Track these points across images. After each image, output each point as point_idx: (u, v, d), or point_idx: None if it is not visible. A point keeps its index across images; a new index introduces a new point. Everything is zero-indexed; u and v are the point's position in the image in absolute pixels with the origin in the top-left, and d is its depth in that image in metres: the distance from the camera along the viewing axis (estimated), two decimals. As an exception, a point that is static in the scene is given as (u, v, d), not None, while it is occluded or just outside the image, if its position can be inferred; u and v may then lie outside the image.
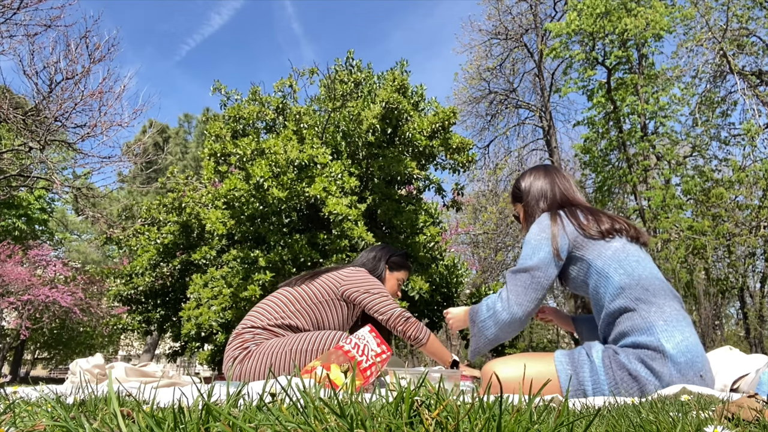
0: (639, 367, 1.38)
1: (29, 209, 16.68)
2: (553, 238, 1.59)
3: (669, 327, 1.41)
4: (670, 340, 1.39)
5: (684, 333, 1.42)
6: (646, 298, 1.46)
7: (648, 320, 1.43)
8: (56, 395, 0.79)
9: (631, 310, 1.46)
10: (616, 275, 1.50)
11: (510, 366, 1.49)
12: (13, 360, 18.17)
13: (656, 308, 1.45)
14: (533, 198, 1.82)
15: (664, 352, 1.37)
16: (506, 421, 0.51)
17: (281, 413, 0.54)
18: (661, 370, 1.36)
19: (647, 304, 1.45)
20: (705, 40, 10.89)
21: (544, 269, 1.58)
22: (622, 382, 1.38)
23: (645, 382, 1.36)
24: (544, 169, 1.90)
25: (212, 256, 7.59)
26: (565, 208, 1.70)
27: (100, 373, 2.01)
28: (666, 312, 1.44)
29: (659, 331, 1.40)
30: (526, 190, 1.85)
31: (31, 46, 7.13)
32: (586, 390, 1.41)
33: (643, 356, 1.39)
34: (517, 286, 1.59)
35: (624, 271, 1.50)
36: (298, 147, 6.97)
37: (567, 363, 1.46)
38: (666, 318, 1.43)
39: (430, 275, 7.19)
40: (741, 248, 11.13)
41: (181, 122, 28.92)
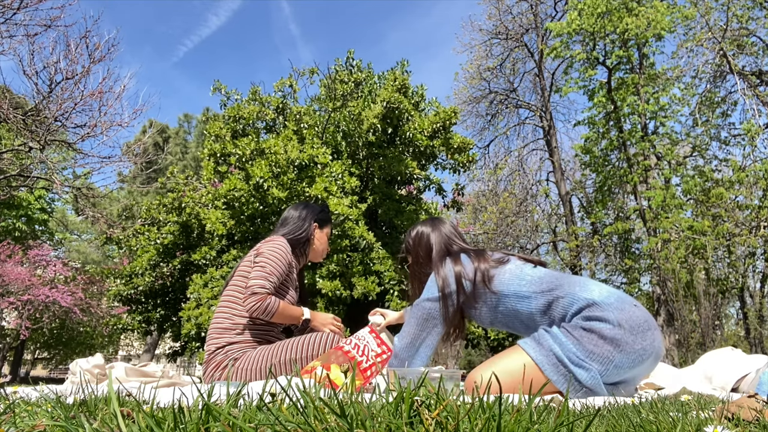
0: (588, 323, 1.53)
1: (29, 209, 16.67)
2: (457, 277, 1.75)
3: (584, 288, 1.62)
4: (592, 294, 1.59)
5: (599, 286, 1.64)
6: (554, 285, 1.66)
7: (568, 295, 1.62)
8: (56, 395, 0.79)
9: (552, 300, 1.64)
10: (524, 288, 1.69)
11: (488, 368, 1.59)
12: (13, 360, 18.17)
13: (566, 284, 1.65)
14: (422, 248, 1.97)
15: (595, 302, 1.56)
16: (506, 421, 0.51)
17: (281, 413, 0.54)
18: (604, 315, 1.52)
19: (559, 288, 1.65)
20: (705, 40, 10.88)
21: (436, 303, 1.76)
22: (581, 337, 1.51)
23: (600, 328, 1.50)
24: (430, 220, 2.06)
25: (212, 257, 7.59)
26: (456, 250, 1.88)
27: (100, 373, 2.00)
28: (575, 281, 1.66)
29: (580, 294, 1.60)
30: (415, 241, 2.01)
31: (31, 46, 7.13)
32: (556, 353, 1.52)
33: (585, 314, 1.56)
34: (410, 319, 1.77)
35: (526, 281, 1.69)
36: (299, 147, 6.97)
37: (531, 341, 1.60)
38: (579, 285, 1.64)
39: (430, 275, 7.18)
40: (741, 248, 11.13)
41: (180, 122, 28.92)
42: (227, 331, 2.00)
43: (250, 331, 2.01)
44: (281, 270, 2.03)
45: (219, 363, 1.95)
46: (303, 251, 2.26)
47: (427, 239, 1.96)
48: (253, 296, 1.91)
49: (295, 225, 2.24)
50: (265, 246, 2.08)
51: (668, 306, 10.32)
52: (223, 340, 1.98)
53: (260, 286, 1.93)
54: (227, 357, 1.95)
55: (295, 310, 2.04)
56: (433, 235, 1.97)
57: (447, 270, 1.78)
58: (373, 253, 6.67)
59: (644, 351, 1.50)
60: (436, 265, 1.84)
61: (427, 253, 1.94)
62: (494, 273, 1.74)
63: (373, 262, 6.73)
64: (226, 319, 2.02)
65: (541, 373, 1.50)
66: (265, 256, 2.03)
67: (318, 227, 2.29)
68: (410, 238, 2.03)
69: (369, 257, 6.71)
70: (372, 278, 6.46)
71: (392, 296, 6.57)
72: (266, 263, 2.00)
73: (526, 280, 1.70)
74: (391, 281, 6.60)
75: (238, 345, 1.98)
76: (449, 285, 1.75)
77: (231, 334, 1.99)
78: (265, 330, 2.06)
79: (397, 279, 6.65)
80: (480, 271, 1.74)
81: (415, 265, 1.99)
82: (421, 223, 2.05)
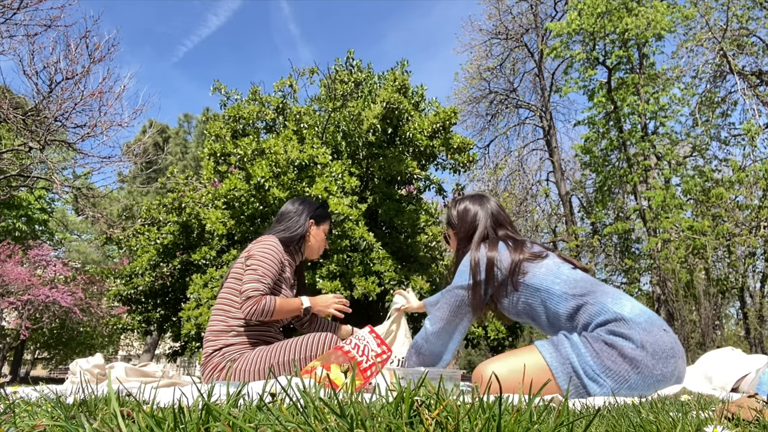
0: (611, 337, 1.49)
1: (29, 209, 16.67)
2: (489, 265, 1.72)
3: (616, 301, 1.57)
4: (623, 309, 1.54)
5: (631, 302, 1.59)
6: (587, 291, 1.61)
7: (598, 303, 1.57)
8: (56, 395, 0.79)
9: (581, 305, 1.59)
10: (557, 286, 1.64)
11: (500, 364, 1.57)
12: (13, 360, 18.17)
13: (600, 293, 1.61)
14: (466, 225, 1.90)
15: (624, 318, 1.51)
16: (506, 421, 0.51)
17: (281, 413, 0.54)
18: (629, 333, 1.48)
19: (591, 295, 1.60)
20: (705, 40, 10.88)
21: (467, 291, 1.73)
22: (601, 351, 1.47)
23: (621, 346, 1.46)
24: (478, 197, 1.98)
25: (212, 257, 7.58)
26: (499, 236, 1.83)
27: (100, 373, 2.00)
28: (609, 292, 1.62)
29: (611, 306, 1.55)
30: (460, 217, 1.93)
31: (31, 46, 7.13)
32: (573, 362, 1.49)
33: (610, 327, 1.51)
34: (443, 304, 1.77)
35: (561, 280, 1.65)
36: (299, 147, 6.97)
37: (549, 345, 1.56)
38: (612, 296, 1.60)
39: (430, 275, 7.19)
40: (741, 248, 11.13)
41: (180, 122, 28.92)
42: (223, 333, 2.00)
43: (246, 333, 2.01)
44: (273, 270, 2.02)
45: (216, 365, 1.95)
46: (298, 248, 2.23)
47: (473, 218, 1.89)
48: (249, 301, 1.91)
49: (291, 221, 2.22)
50: (255, 247, 2.07)
51: (668, 306, 10.32)
52: (219, 343, 1.99)
53: (254, 290, 1.93)
54: (225, 359, 1.95)
55: (294, 302, 2.03)
56: (480, 213, 1.89)
57: (481, 256, 1.74)
58: (373, 253, 6.67)
59: (663, 377, 1.45)
60: (473, 249, 1.78)
61: (468, 233, 1.88)
62: (529, 266, 1.69)
63: (373, 262, 6.73)
64: (222, 322, 2.02)
65: (552, 378, 1.48)
66: (256, 258, 2.02)
67: (315, 224, 2.25)
68: (454, 212, 1.95)
69: (369, 257, 6.71)
70: (372, 278, 6.46)
71: (392, 296, 6.56)
72: (258, 265, 2.00)
73: (561, 279, 1.66)
74: (392, 281, 6.60)
75: (235, 347, 1.98)
76: (480, 273, 1.71)
77: (227, 336, 1.99)
78: (261, 331, 2.05)
79: (397, 279, 6.64)
80: (515, 262, 1.69)
81: (458, 242, 1.92)
82: (468, 198, 1.96)
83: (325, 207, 2.35)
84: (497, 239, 1.80)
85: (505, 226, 1.89)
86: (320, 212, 2.30)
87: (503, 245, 1.75)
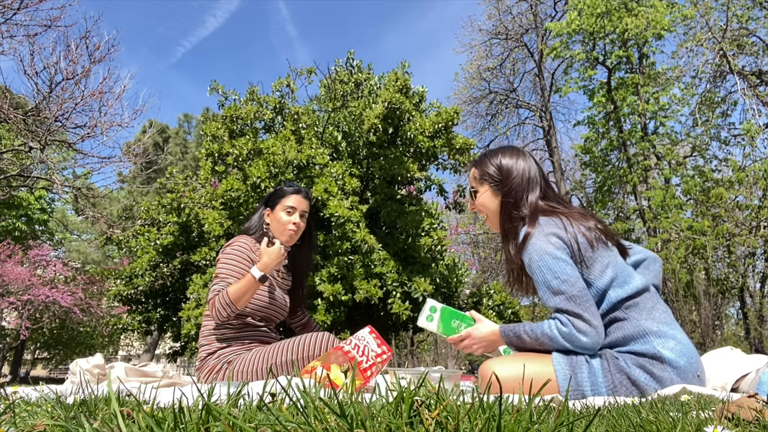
0: (638, 373, 1.37)
1: (29, 209, 16.67)
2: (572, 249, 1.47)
3: (662, 332, 1.41)
4: (665, 346, 1.38)
5: (676, 336, 1.42)
6: (636, 305, 1.45)
7: (640, 327, 1.41)
8: (56, 395, 0.79)
9: (622, 319, 1.44)
10: (613, 293, 1.46)
11: (508, 365, 1.47)
12: (13, 360, 18.17)
13: (646, 314, 1.43)
14: (517, 186, 1.58)
15: (662, 358, 1.37)
16: (506, 421, 0.51)
17: (281, 413, 0.54)
18: (661, 375, 1.36)
19: (637, 311, 1.44)
20: (705, 40, 10.88)
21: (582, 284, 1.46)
22: (621, 385, 1.37)
23: (645, 387, 1.35)
24: (522, 153, 1.64)
25: (212, 257, 7.58)
26: (559, 211, 1.55)
27: (100, 373, 2.00)
28: (656, 317, 1.44)
29: (653, 338, 1.39)
30: (507, 172, 1.60)
31: (31, 46, 7.13)
32: (585, 392, 1.40)
33: (643, 362, 1.38)
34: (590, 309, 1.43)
35: (620, 287, 1.46)
36: (296, 147, 6.96)
37: (565, 364, 1.43)
38: (658, 322, 1.42)
39: (431, 275, 7.18)
40: (741, 248, 11.13)
41: (180, 122, 28.92)
42: (214, 337, 2.01)
43: (238, 334, 2.01)
44: (236, 268, 1.99)
45: (212, 367, 1.95)
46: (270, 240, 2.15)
47: (519, 179, 1.57)
48: (208, 305, 1.91)
49: (249, 220, 2.21)
50: (222, 252, 2.07)
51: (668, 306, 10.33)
52: (213, 346, 1.99)
53: (211, 291, 1.93)
54: (221, 361, 1.95)
55: (245, 280, 1.88)
56: (530, 172, 1.58)
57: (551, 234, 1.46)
58: (374, 255, 6.66)
59: None
60: (534, 227, 1.49)
61: (517, 200, 1.57)
62: (591, 255, 1.46)
63: (375, 264, 6.72)
64: (212, 326, 2.03)
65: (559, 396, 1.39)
66: (219, 262, 2.02)
67: (270, 210, 2.17)
68: (493, 167, 1.62)
69: (370, 259, 6.70)
70: (374, 281, 6.45)
71: (395, 298, 6.55)
72: (219, 270, 1.99)
73: (620, 279, 1.46)
74: (394, 283, 6.59)
75: (229, 348, 1.98)
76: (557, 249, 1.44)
77: (219, 339, 2.00)
78: (253, 331, 2.05)
79: (399, 281, 6.63)
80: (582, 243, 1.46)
81: (505, 205, 1.60)
82: (508, 152, 1.63)
83: (277, 189, 2.22)
84: (554, 213, 1.53)
85: (554, 195, 1.61)
86: (271, 196, 2.20)
87: (568, 222, 1.50)
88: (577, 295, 1.41)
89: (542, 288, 1.46)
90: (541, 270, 1.45)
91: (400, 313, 6.41)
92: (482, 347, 1.60)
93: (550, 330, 1.43)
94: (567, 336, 1.41)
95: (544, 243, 1.45)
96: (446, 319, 1.67)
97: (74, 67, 7.36)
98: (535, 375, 1.42)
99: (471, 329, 1.61)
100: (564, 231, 1.47)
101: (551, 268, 1.43)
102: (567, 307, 1.41)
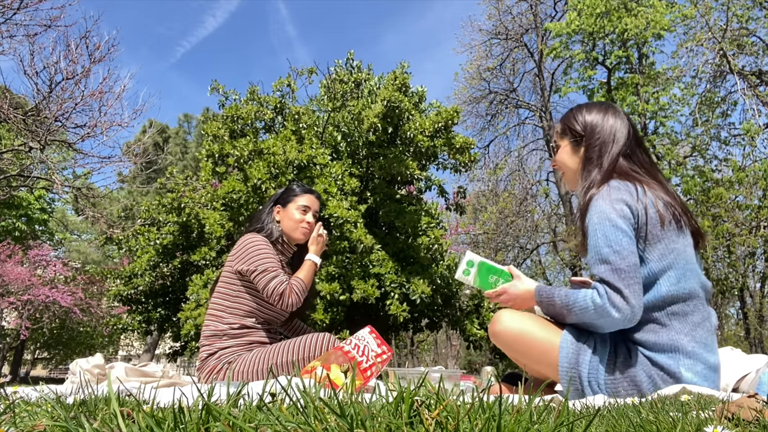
0: (644, 379, 1.32)
1: (29, 209, 16.67)
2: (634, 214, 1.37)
3: (695, 354, 1.31)
4: (690, 369, 1.30)
5: (708, 360, 1.32)
6: (684, 314, 1.34)
7: (675, 342, 1.32)
8: (56, 395, 0.79)
9: (662, 324, 1.34)
10: (665, 285, 1.34)
11: (519, 320, 1.45)
12: (13, 360, 18.17)
13: (689, 329, 1.33)
14: (600, 144, 1.48)
15: (680, 379, 1.29)
16: (506, 421, 0.51)
17: (281, 413, 0.54)
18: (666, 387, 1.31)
19: (681, 323, 1.33)
20: (705, 40, 10.88)
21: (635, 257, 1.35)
22: (622, 381, 1.34)
23: (646, 392, 1.31)
24: (611, 106, 1.54)
25: (212, 257, 7.59)
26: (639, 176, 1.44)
27: (100, 373, 2.00)
28: (697, 336, 1.33)
29: (683, 357, 1.31)
30: (591, 128, 1.50)
31: (31, 46, 7.13)
32: (582, 373, 1.36)
33: (654, 374, 1.32)
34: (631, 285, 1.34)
35: (676, 281, 1.34)
36: (297, 147, 6.97)
37: (571, 342, 1.39)
38: (695, 343, 1.32)
39: (430, 276, 7.18)
40: (741, 248, 11.13)
41: (180, 122, 28.93)
42: (217, 338, 2.00)
43: (240, 335, 2.01)
44: (269, 256, 2.00)
45: (213, 368, 1.95)
46: (280, 240, 2.16)
47: (603, 137, 1.47)
48: (282, 297, 1.92)
49: (259, 218, 2.19)
50: (240, 250, 2.03)
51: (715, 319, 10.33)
52: (214, 347, 1.98)
53: (278, 283, 1.93)
54: (221, 361, 1.95)
55: (309, 268, 2.05)
56: (617, 130, 1.47)
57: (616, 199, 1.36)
58: (373, 255, 6.66)
59: None
60: (603, 188, 1.40)
61: (597, 158, 1.47)
62: (664, 240, 1.36)
63: (373, 264, 6.72)
64: (215, 326, 2.02)
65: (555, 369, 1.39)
66: (250, 259, 1.99)
67: (281, 207, 2.19)
68: (577, 123, 1.53)
69: (368, 259, 6.70)
70: (372, 281, 6.45)
71: (393, 299, 6.55)
72: (256, 263, 1.97)
73: (679, 271, 1.34)
74: (392, 284, 6.59)
75: (230, 349, 1.97)
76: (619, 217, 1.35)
77: (221, 339, 1.99)
78: (256, 332, 2.04)
79: (398, 282, 6.63)
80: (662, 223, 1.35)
81: (585, 162, 1.50)
82: (596, 108, 1.53)
83: (289, 188, 2.25)
84: (636, 177, 1.44)
85: (641, 158, 1.51)
86: (282, 194, 2.23)
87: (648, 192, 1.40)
88: (624, 269, 1.30)
89: (591, 252, 1.37)
90: (596, 234, 1.36)
91: (398, 315, 6.40)
92: (516, 304, 1.56)
93: (584, 300, 1.35)
94: (599, 308, 1.31)
95: (608, 207, 1.35)
96: (483, 273, 1.63)
97: (74, 67, 7.36)
98: (540, 341, 1.41)
99: (508, 285, 1.56)
100: (635, 198, 1.36)
101: (607, 234, 1.34)
102: (610, 278, 1.31)
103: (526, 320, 1.45)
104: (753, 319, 13.34)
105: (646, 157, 1.49)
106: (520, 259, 15.54)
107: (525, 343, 1.43)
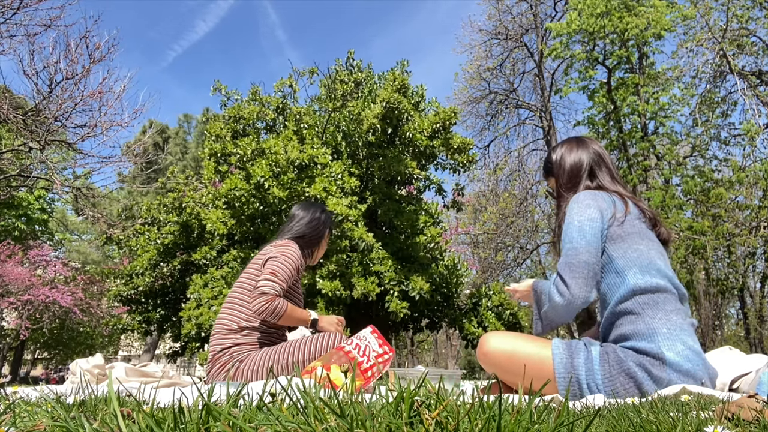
0: (636, 369, 1.36)
1: (29, 209, 16.68)
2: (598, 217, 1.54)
3: (672, 335, 1.38)
4: (671, 348, 1.36)
5: (686, 342, 1.39)
6: (655, 303, 1.42)
7: (651, 327, 1.39)
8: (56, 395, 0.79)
9: (636, 314, 1.42)
10: (632, 278, 1.45)
11: (507, 340, 1.49)
12: (13, 360, 18.17)
13: (662, 315, 1.41)
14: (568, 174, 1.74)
15: (664, 359, 1.35)
16: (506, 421, 0.51)
17: (281, 413, 0.54)
18: (659, 375, 1.35)
19: (654, 310, 1.41)
20: (705, 40, 10.88)
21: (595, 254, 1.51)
22: (618, 375, 1.36)
23: (641, 381, 1.35)
24: (576, 140, 1.80)
25: (212, 256, 7.59)
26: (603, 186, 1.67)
27: (100, 373, 2.01)
28: (671, 320, 1.41)
29: (661, 338, 1.37)
30: (558, 164, 1.77)
31: (31, 46, 7.13)
32: (579, 376, 1.39)
33: (643, 361, 1.37)
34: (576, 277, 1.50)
35: (641, 275, 1.45)
36: (299, 147, 6.98)
37: (563, 349, 1.44)
38: (670, 326, 1.40)
39: (430, 275, 7.18)
40: (741, 248, 11.13)
41: (180, 122, 28.92)
42: (233, 333, 1.99)
43: (255, 333, 2.01)
44: (291, 274, 2.01)
45: (224, 364, 1.95)
46: (311, 253, 2.26)
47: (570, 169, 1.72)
48: (263, 296, 1.88)
49: (313, 226, 2.23)
50: (278, 249, 2.06)
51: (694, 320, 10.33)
52: (228, 341, 1.98)
53: (270, 288, 1.91)
54: (232, 358, 1.95)
55: (302, 313, 2.03)
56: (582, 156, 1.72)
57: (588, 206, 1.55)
58: (373, 254, 6.67)
59: None
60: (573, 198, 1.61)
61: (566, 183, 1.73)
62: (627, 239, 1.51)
63: (373, 262, 6.73)
64: (232, 321, 2.01)
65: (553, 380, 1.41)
66: (278, 260, 2.01)
67: (328, 233, 2.32)
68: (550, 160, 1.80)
69: (369, 257, 6.72)
70: (372, 279, 6.47)
71: (392, 296, 6.56)
72: (277, 266, 1.98)
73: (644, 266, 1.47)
74: (391, 282, 6.60)
75: (243, 347, 1.97)
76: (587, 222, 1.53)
77: (237, 335, 1.99)
78: (271, 332, 2.05)
79: (397, 279, 6.64)
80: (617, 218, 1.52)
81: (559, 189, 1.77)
82: (565, 145, 1.79)
83: (333, 217, 2.43)
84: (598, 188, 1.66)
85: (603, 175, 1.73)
86: (332, 223, 2.38)
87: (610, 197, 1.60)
88: (575, 264, 1.48)
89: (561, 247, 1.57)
90: (565, 234, 1.55)
91: (397, 311, 6.43)
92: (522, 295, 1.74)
93: (548, 287, 1.55)
94: (550, 293, 1.51)
95: (576, 212, 1.55)
96: None
97: (74, 67, 7.36)
98: (532, 356, 1.44)
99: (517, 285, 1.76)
100: (602, 201, 1.55)
101: (571, 234, 1.52)
102: (560, 270, 1.50)
103: (513, 338, 1.50)
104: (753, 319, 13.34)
105: (608, 177, 1.72)
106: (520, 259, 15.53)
107: (516, 360, 1.45)
